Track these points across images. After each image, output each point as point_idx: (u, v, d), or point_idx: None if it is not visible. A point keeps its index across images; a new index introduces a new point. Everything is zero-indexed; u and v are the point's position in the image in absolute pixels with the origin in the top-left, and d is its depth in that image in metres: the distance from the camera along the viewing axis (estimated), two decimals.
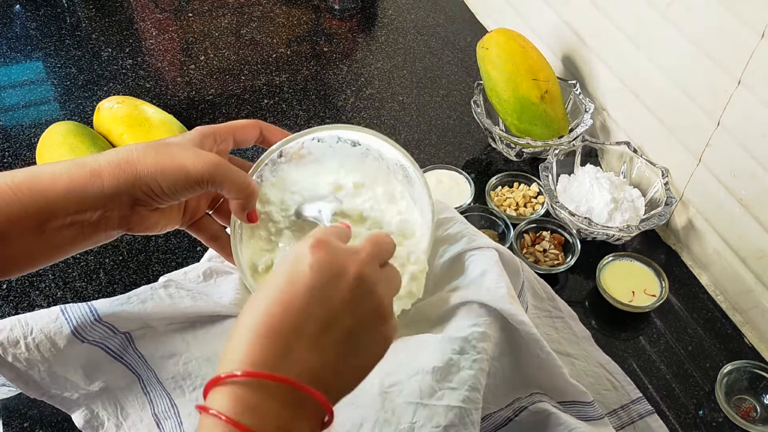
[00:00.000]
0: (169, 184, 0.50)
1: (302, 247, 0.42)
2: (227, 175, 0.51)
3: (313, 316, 0.39)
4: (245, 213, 0.55)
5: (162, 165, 0.49)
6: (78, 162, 0.49)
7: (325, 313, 0.40)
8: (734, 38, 0.71)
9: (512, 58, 0.91)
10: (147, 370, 0.63)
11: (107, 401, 0.63)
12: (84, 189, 0.48)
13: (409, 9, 1.26)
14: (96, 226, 0.50)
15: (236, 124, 0.57)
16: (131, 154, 0.50)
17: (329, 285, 0.40)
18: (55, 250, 0.50)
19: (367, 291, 0.41)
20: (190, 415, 0.58)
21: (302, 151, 0.60)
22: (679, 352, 0.76)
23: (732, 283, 0.80)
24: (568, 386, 0.63)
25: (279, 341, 0.38)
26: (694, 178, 0.82)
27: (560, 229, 0.84)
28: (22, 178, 0.47)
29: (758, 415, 0.70)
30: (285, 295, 0.39)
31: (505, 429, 0.63)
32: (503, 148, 0.95)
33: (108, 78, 1.06)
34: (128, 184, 0.49)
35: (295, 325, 0.39)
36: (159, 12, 1.21)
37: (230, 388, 0.37)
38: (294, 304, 0.39)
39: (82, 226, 0.49)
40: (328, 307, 0.40)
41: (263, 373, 0.37)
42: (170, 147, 0.51)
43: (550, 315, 0.74)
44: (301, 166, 0.61)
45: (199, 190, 0.51)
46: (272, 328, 0.38)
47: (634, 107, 0.90)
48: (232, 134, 0.57)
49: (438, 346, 0.59)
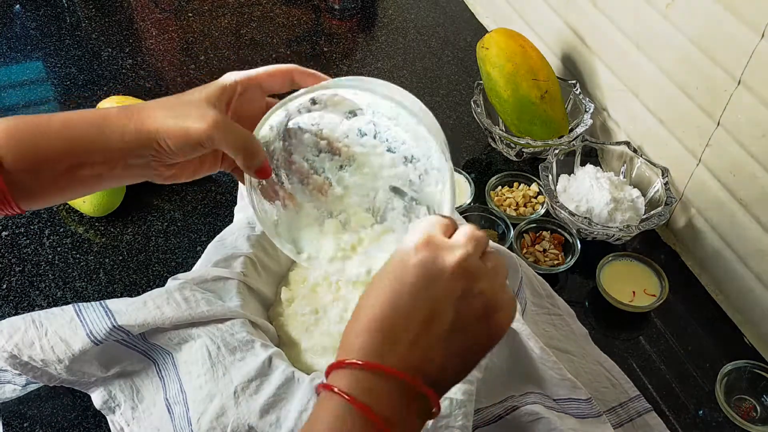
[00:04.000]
0: (174, 145, 0.52)
1: (408, 244, 0.43)
2: (226, 135, 0.52)
3: (417, 312, 0.41)
4: (252, 170, 0.55)
5: (167, 126, 0.52)
6: (105, 114, 0.52)
7: (428, 311, 0.41)
8: (734, 38, 0.71)
9: (512, 58, 0.91)
10: (165, 355, 0.63)
11: (124, 384, 0.64)
12: (107, 143, 0.51)
13: (409, 9, 1.26)
14: (120, 174, 0.53)
15: (264, 72, 0.57)
16: (147, 111, 0.52)
17: (433, 283, 0.42)
18: (82, 188, 0.54)
19: (470, 285, 0.42)
20: (194, 401, 0.58)
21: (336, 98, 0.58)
22: (679, 352, 0.76)
23: (732, 283, 0.80)
24: (564, 383, 0.63)
25: (388, 337, 0.41)
26: (694, 178, 0.82)
27: (560, 229, 0.84)
28: (57, 123, 0.51)
29: (758, 415, 0.70)
30: (392, 293, 0.42)
31: (494, 426, 0.62)
32: (503, 148, 0.95)
33: (108, 78, 1.06)
34: (142, 142, 0.52)
35: (403, 322, 0.41)
36: (159, 12, 1.21)
37: (350, 372, 0.40)
38: (401, 301, 0.41)
39: (108, 174, 0.53)
40: (431, 304, 0.41)
41: (381, 365, 0.40)
42: (180, 106, 0.53)
43: (549, 312, 0.74)
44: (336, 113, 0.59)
45: (204, 150, 0.53)
46: (382, 325, 0.41)
47: (634, 107, 0.90)
48: (259, 82, 0.57)
49: None
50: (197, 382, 0.59)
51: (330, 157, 0.61)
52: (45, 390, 0.67)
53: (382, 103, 0.56)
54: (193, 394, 0.58)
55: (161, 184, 0.57)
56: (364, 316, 0.42)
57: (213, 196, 0.89)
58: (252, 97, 0.57)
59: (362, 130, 0.59)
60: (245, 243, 0.67)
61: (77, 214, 0.85)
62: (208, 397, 0.57)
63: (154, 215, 0.86)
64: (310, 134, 0.60)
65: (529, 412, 0.62)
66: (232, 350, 0.59)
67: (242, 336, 0.59)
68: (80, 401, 0.66)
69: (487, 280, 0.43)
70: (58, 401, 0.67)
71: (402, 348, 0.41)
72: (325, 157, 0.61)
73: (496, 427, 0.63)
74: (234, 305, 0.63)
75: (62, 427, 0.65)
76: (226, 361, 0.58)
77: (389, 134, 0.59)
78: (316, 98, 0.57)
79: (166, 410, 0.61)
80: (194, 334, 0.61)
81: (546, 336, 0.72)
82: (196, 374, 0.59)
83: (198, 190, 0.89)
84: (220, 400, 0.57)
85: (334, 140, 0.60)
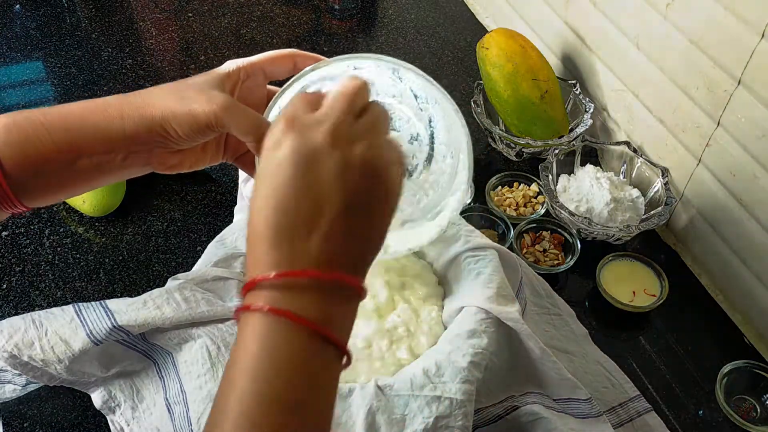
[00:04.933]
0: (181, 129, 0.50)
1: (275, 132, 0.41)
2: (235, 117, 0.50)
3: (304, 203, 0.39)
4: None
5: (173, 110, 0.50)
6: (103, 103, 0.51)
7: (314, 197, 0.39)
8: (734, 38, 0.71)
9: (512, 58, 0.91)
10: (165, 355, 0.63)
11: (124, 384, 0.64)
12: (108, 131, 0.50)
13: (409, 9, 1.26)
14: (122, 164, 0.52)
15: (266, 57, 0.56)
16: (149, 97, 0.51)
17: (309, 167, 0.39)
18: (86, 183, 0.52)
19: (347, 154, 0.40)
20: (195, 401, 0.58)
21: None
22: (679, 352, 0.76)
23: (732, 283, 0.80)
24: (564, 383, 0.63)
25: (286, 238, 0.38)
26: (694, 178, 0.82)
27: (560, 229, 0.84)
28: (54, 116, 0.50)
29: (758, 415, 0.70)
30: (274, 192, 0.39)
31: (494, 426, 0.63)
32: (503, 148, 0.95)
33: (108, 78, 1.06)
34: (146, 127, 0.50)
35: (293, 221, 0.39)
36: (159, 12, 1.21)
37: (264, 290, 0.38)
38: (284, 198, 0.39)
39: (110, 165, 0.51)
40: (315, 189, 0.39)
41: (289, 272, 0.38)
42: (185, 90, 0.51)
43: (549, 312, 0.74)
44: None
45: (212, 134, 0.51)
46: (277, 228, 0.39)
47: (634, 107, 0.90)
48: (261, 68, 0.56)
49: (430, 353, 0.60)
50: (197, 382, 0.59)
51: None
52: (45, 390, 0.67)
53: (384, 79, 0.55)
54: (193, 394, 0.59)
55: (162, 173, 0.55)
56: (257, 224, 0.40)
57: (213, 196, 0.89)
58: (254, 85, 0.56)
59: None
60: (245, 243, 0.67)
61: (77, 214, 0.85)
62: (208, 396, 0.57)
63: (154, 215, 0.86)
64: None
65: (529, 412, 0.62)
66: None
67: None
68: (80, 401, 0.66)
69: (365, 143, 0.40)
70: (58, 401, 0.67)
71: (303, 244, 0.38)
72: None
73: (496, 427, 0.63)
74: (234, 305, 0.63)
75: (62, 427, 0.65)
76: (226, 361, 0.58)
77: (392, 112, 0.58)
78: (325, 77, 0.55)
79: (166, 410, 0.61)
80: (194, 334, 0.61)
81: (546, 336, 0.72)
82: (196, 374, 0.59)
83: (198, 190, 0.89)
84: None
85: None
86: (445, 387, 0.56)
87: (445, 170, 0.59)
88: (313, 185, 0.39)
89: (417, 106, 0.58)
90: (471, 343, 0.59)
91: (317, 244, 0.38)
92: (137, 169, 0.54)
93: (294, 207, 0.39)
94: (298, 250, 0.38)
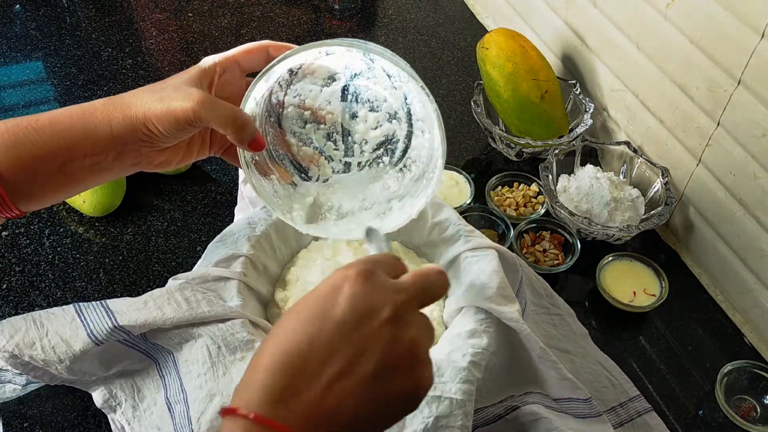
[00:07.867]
0: (163, 127, 0.52)
1: (342, 275, 0.39)
2: (212, 111, 0.52)
3: (337, 354, 0.37)
4: (245, 143, 0.55)
5: (153, 109, 0.52)
6: (90, 107, 0.53)
7: (350, 354, 0.37)
8: (734, 38, 0.71)
9: (512, 58, 0.91)
10: (166, 354, 0.63)
11: (125, 383, 0.64)
12: (96, 133, 0.52)
13: (409, 9, 1.26)
14: (111, 165, 0.54)
15: (240, 51, 0.58)
16: (132, 99, 0.53)
17: (360, 324, 0.38)
18: (80, 183, 0.54)
19: (399, 336, 0.38)
20: (195, 401, 0.58)
21: (313, 66, 0.58)
22: (679, 352, 0.76)
23: (732, 283, 0.80)
24: (564, 383, 0.63)
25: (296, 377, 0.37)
26: (694, 178, 0.82)
27: (560, 229, 0.84)
28: (44, 121, 0.52)
29: (758, 415, 0.70)
30: (313, 327, 0.38)
31: (494, 426, 0.63)
32: (503, 148, 0.95)
33: (108, 78, 1.06)
34: (131, 128, 0.52)
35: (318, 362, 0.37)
36: (159, 12, 1.21)
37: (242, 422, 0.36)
38: (320, 338, 0.37)
39: (102, 165, 0.53)
40: (354, 346, 0.37)
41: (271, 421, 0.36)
42: (164, 90, 0.53)
43: (549, 312, 0.74)
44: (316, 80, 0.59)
45: (193, 130, 0.54)
46: (292, 362, 0.37)
47: (634, 107, 0.90)
48: (236, 62, 0.58)
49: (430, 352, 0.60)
50: (198, 381, 0.59)
51: (316, 127, 0.62)
52: (45, 390, 0.67)
53: (357, 62, 0.57)
54: (194, 394, 0.59)
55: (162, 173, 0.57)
56: (275, 346, 0.38)
57: (213, 196, 0.89)
58: (231, 78, 0.58)
59: (343, 94, 0.60)
60: (245, 243, 0.68)
61: (77, 214, 0.85)
62: (208, 396, 0.58)
63: (154, 215, 0.86)
64: (293, 107, 0.61)
65: (529, 412, 0.62)
66: (233, 350, 0.59)
67: (243, 336, 0.59)
68: (80, 401, 0.66)
69: (420, 332, 0.40)
70: (58, 401, 0.67)
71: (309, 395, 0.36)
72: (311, 128, 0.62)
73: (496, 427, 0.63)
74: (234, 305, 0.63)
75: (62, 427, 0.65)
76: (227, 360, 0.58)
77: (369, 94, 0.60)
78: (293, 69, 0.58)
79: (167, 409, 0.61)
80: (195, 333, 0.61)
81: (546, 336, 0.72)
82: (197, 373, 0.59)
83: (198, 190, 0.89)
84: (220, 400, 0.57)
85: (316, 109, 0.61)
86: (445, 387, 0.56)
87: (424, 144, 0.60)
88: (359, 340, 0.37)
89: (391, 85, 0.60)
90: (471, 342, 0.59)
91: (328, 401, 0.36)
92: (128, 168, 0.56)
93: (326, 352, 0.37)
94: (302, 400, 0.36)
